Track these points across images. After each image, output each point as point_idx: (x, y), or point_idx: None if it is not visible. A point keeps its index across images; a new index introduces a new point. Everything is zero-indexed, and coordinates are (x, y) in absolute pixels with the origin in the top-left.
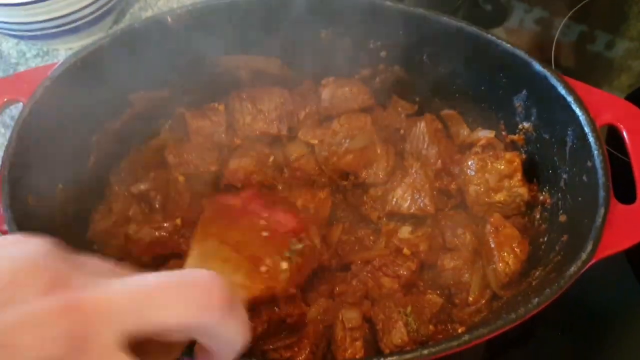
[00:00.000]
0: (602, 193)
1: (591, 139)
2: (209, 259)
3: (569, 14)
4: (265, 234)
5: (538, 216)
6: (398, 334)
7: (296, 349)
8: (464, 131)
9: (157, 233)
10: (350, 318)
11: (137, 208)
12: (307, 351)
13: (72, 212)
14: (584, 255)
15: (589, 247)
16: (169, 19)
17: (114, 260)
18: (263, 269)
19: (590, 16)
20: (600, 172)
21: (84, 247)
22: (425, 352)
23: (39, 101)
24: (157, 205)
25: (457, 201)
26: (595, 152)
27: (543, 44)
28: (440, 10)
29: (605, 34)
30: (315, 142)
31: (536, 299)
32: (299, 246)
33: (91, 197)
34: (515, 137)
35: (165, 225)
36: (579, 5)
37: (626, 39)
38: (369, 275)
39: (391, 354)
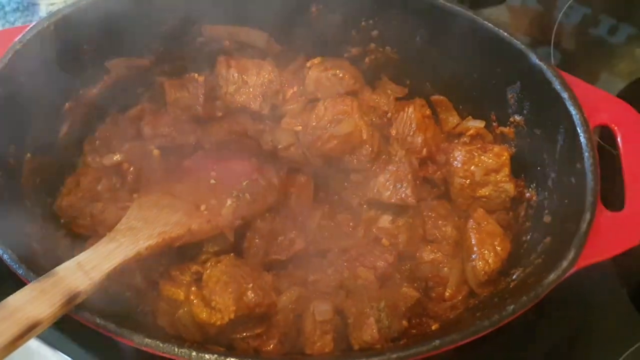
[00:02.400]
0: (589, 198)
1: (583, 140)
2: (147, 208)
3: None
4: (213, 181)
5: (523, 213)
6: (368, 331)
7: (265, 337)
8: (454, 119)
9: (122, 213)
10: (321, 311)
11: (107, 183)
12: (275, 341)
13: (41, 183)
14: (564, 263)
15: (571, 255)
16: None
17: None
18: (202, 207)
19: None
20: (589, 175)
21: (51, 219)
22: (394, 356)
23: (8, 65)
24: (129, 179)
25: (440, 191)
26: (586, 155)
27: (544, 24)
28: None
29: (610, 18)
30: (299, 128)
31: (512, 307)
32: (245, 182)
33: (61, 169)
34: (506, 129)
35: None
36: None
37: (630, 24)
38: (346, 264)
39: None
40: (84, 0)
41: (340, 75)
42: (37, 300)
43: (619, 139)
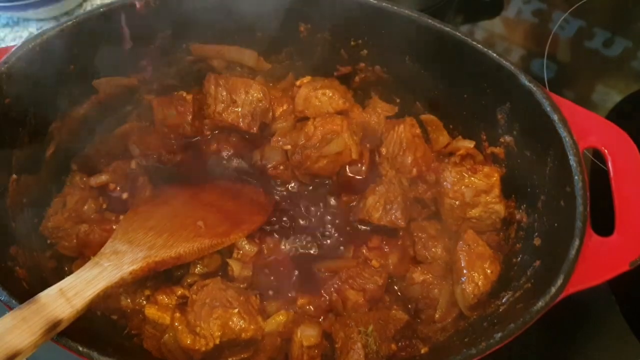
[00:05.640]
0: (578, 223)
1: (573, 163)
2: (132, 230)
3: (570, 10)
4: (200, 203)
5: (513, 235)
6: (355, 356)
7: None
8: (444, 138)
9: (108, 235)
10: (308, 336)
11: (93, 203)
12: None
13: (27, 203)
14: (553, 290)
15: (559, 282)
16: (137, 4)
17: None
18: (190, 229)
19: (590, 12)
20: (578, 200)
21: (37, 240)
22: None
23: None
24: (115, 199)
25: (431, 211)
26: (576, 178)
27: (539, 36)
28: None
29: (604, 32)
30: (289, 147)
31: (499, 334)
32: (233, 203)
33: (48, 189)
34: (496, 149)
35: (115, 227)
36: (580, 2)
37: (625, 38)
38: (335, 286)
39: None
40: (67, 23)
41: (330, 94)
42: (17, 329)
43: (609, 163)
